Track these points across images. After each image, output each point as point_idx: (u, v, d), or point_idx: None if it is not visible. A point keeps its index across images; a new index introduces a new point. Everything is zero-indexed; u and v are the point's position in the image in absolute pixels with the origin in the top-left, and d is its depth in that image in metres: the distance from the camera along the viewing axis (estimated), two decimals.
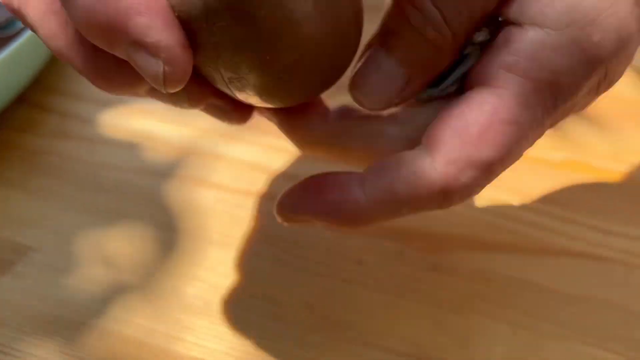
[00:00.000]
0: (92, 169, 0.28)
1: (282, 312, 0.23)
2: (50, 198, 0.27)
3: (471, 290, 0.23)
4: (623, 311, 0.23)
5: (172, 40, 0.14)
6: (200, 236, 0.25)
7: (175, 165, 0.28)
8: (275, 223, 0.25)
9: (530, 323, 0.22)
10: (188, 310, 0.23)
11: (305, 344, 0.22)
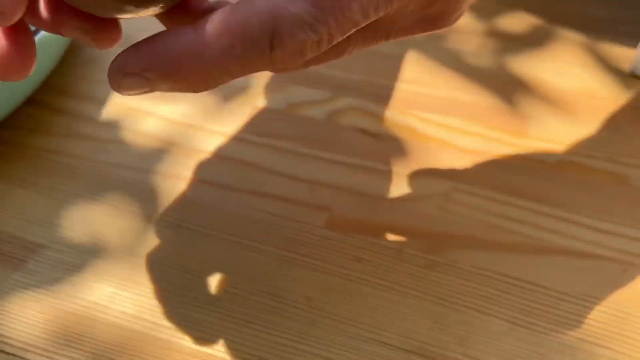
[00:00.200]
0: (101, 168, 0.28)
1: (283, 307, 0.23)
2: (61, 197, 0.27)
3: (469, 287, 0.23)
4: (618, 309, 0.23)
5: None
6: (205, 233, 0.25)
7: (182, 165, 0.28)
8: (276, 221, 0.25)
9: (527, 320, 0.22)
10: (192, 305, 0.23)
11: (305, 338, 0.22)
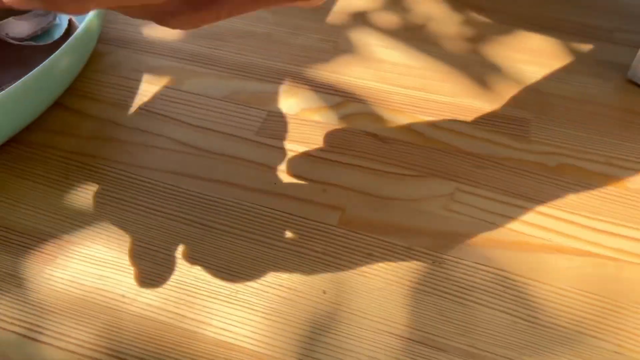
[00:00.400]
0: (125, 169, 0.28)
1: (300, 299, 0.23)
2: (87, 196, 0.27)
3: (473, 283, 0.24)
4: (614, 304, 0.23)
5: None
6: (226, 231, 0.25)
7: (201, 167, 0.28)
8: (292, 220, 0.26)
9: (528, 313, 0.23)
10: (215, 298, 0.23)
11: (321, 328, 0.22)
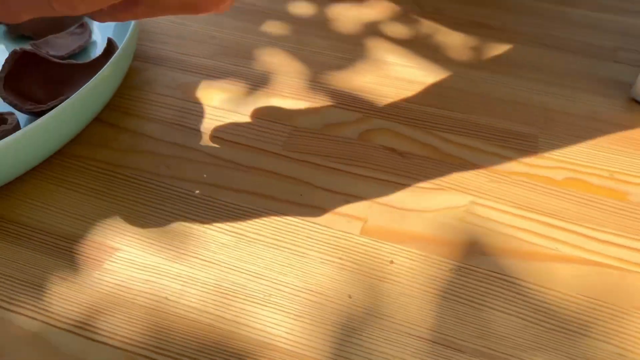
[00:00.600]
0: (162, 180, 0.29)
1: (328, 303, 0.24)
2: (128, 205, 0.28)
3: (487, 289, 0.25)
4: (617, 309, 0.24)
5: None
6: (257, 239, 0.26)
7: (232, 178, 0.29)
8: (318, 229, 0.26)
9: (538, 318, 0.24)
10: (250, 301, 0.24)
11: (347, 330, 0.23)
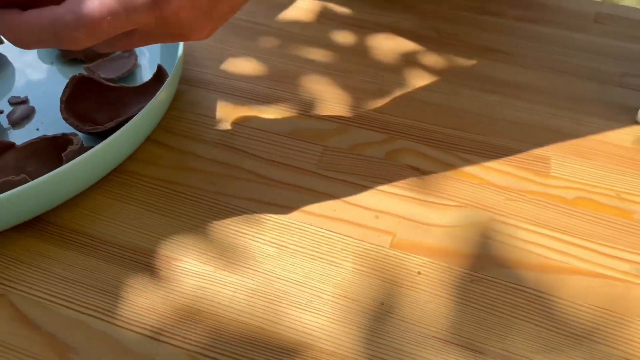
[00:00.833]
0: (209, 196, 0.30)
1: (360, 308, 0.25)
2: (178, 218, 0.29)
3: (505, 298, 0.26)
4: (623, 318, 0.25)
5: None
6: (297, 250, 0.28)
7: (274, 194, 0.30)
8: (350, 242, 0.27)
9: (551, 324, 0.25)
10: (294, 306, 0.25)
11: (379, 333, 0.24)
